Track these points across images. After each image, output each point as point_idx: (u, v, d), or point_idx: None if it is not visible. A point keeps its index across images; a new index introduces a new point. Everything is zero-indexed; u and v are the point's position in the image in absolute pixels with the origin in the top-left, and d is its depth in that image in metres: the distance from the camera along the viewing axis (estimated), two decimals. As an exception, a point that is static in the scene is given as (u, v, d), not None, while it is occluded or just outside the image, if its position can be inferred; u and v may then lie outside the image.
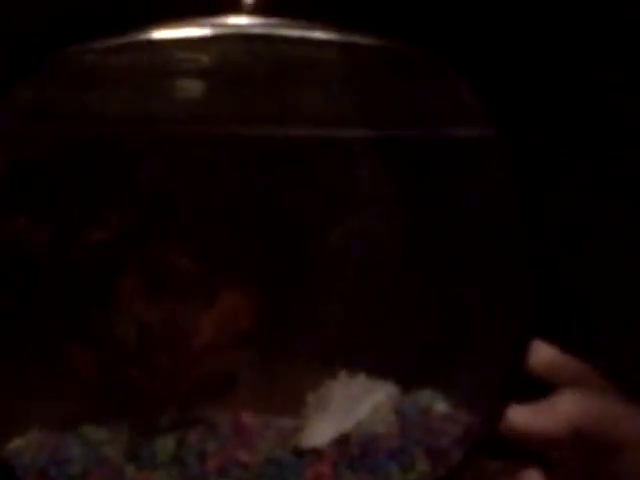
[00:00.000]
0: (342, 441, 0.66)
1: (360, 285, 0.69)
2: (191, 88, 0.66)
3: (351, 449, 0.65)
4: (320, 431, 0.66)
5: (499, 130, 0.64)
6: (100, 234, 0.65)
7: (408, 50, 0.67)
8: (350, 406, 0.67)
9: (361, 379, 0.69)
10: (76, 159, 0.65)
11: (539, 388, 0.65)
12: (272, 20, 0.65)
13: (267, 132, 0.66)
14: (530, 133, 0.65)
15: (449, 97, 0.66)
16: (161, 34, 0.65)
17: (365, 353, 0.69)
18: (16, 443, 0.67)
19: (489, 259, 0.67)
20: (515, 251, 0.67)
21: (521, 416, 0.53)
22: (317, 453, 0.65)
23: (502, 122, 0.63)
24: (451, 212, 0.68)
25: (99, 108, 0.64)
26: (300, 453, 0.65)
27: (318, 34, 0.65)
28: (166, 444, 0.65)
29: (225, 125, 0.66)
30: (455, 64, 0.65)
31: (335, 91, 0.68)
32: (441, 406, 0.70)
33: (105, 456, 0.65)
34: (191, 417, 0.67)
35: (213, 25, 0.65)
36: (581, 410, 0.52)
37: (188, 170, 0.67)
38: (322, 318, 0.69)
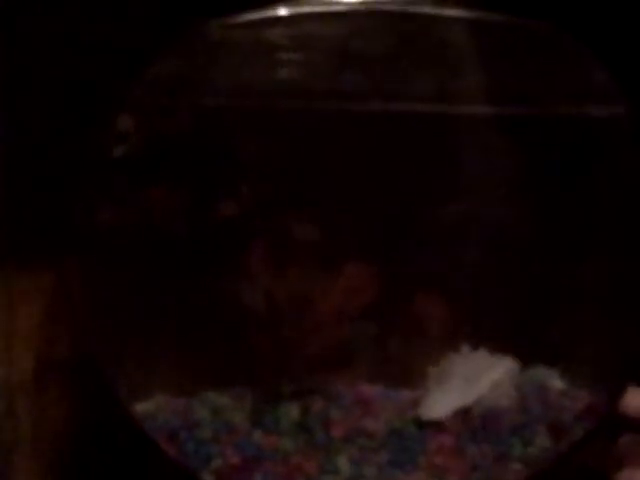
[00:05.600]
0: (464, 414, 0.66)
1: (482, 261, 0.69)
2: (320, 63, 0.67)
3: (473, 422, 0.66)
4: (441, 403, 0.67)
5: (631, 108, 0.64)
6: (232, 207, 0.67)
7: (537, 27, 0.66)
8: (471, 380, 0.68)
9: (482, 353, 0.69)
10: (210, 132, 0.67)
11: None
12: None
13: (391, 108, 0.67)
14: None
15: (579, 75, 0.66)
16: (291, 10, 0.66)
17: (486, 328, 0.70)
18: (143, 406, 0.68)
19: (615, 239, 0.67)
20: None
21: None
22: (439, 425, 0.66)
23: (634, 100, 0.63)
24: (578, 193, 0.68)
25: (232, 81, 0.65)
26: (421, 424, 0.66)
27: (448, 11, 0.65)
28: (290, 411, 0.67)
29: (352, 101, 0.67)
30: (585, 41, 0.65)
31: (460, 68, 0.68)
32: (557, 383, 0.71)
33: (232, 421, 0.66)
34: (312, 386, 0.69)
35: (342, 1, 0.66)
36: None
37: (314, 144, 0.68)
38: (443, 293, 0.70)
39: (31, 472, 0.68)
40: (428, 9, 0.65)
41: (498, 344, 0.70)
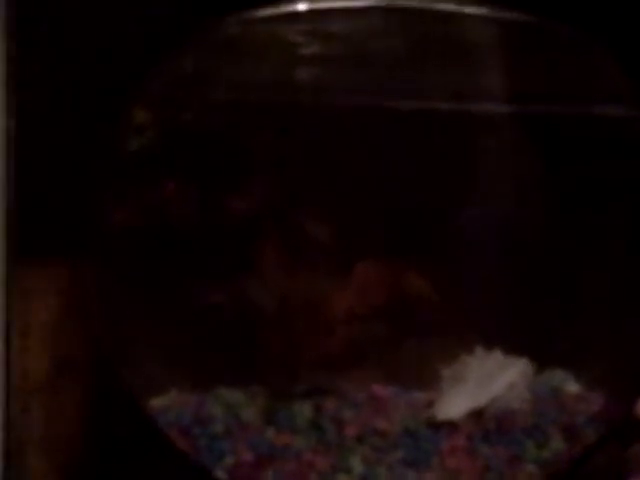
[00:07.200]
0: (477, 415, 0.66)
1: (498, 262, 0.69)
2: (337, 60, 0.67)
3: (486, 424, 0.66)
4: (455, 404, 0.66)
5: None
6: (243, 202, 0.67)
7: (555, 27, 0.66)
8: (485, 381, 0.67)
9: (497, 355, 0.69)
10: (224, 127, 0.67)
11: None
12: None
13: (408, 105, 0.67)
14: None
15: (596, 75, 0.66)
16: (309, 5, 0.66)
17: (500, 330, 0.69)
18: (157, 402, 0.68)
19: (632, 241, 0.67)
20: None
21: None
22: (452, 426, 0.66)
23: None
24: (593, 192, 0.67)
25: (248, 76, 0.65)
26: (435, 425, 0.66)
27: (468, 9, 0.65)
28: (303, 410, 0.66)
29: (367, 97, 0.67)
30: (603, 41, 0.64)
31: (479, 67, 0.68)
32: (572, 387, 0.70)
33: (244, 418, 0.66)
34: (325, 385, 0.68)
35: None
36: None
37: (329, 141, 0.67)
38: (457, 294, 0.70)
39: (44, 471, 0.68)
40: (447, 6, 0.65)
41: (513, 346, 0.69)
